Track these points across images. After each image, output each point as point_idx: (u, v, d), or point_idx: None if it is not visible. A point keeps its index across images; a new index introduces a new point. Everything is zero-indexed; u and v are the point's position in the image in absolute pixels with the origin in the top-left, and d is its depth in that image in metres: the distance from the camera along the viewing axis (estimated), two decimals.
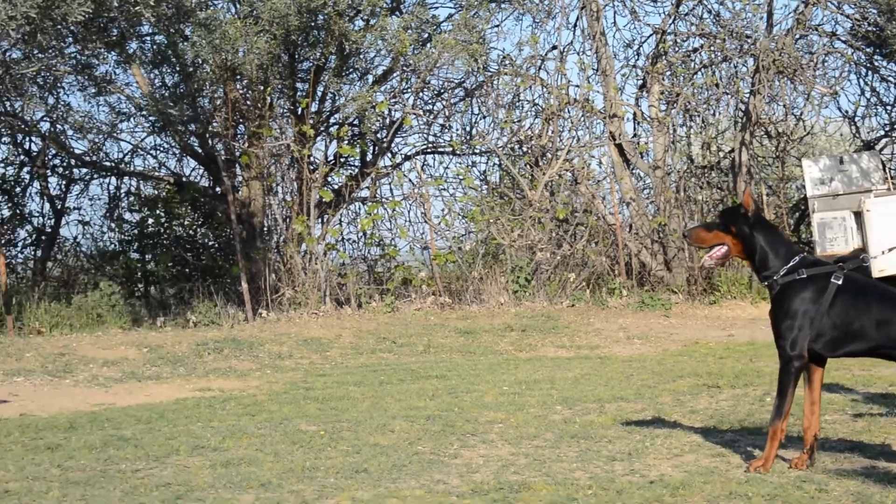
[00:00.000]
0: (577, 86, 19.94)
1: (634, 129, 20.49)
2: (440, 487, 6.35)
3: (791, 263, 6.58)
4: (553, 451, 7.28)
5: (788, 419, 6.57)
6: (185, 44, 16.52)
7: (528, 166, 19.70)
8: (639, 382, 10.58)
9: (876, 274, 16.80)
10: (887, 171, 18.94)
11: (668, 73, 20.51)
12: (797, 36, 20.01)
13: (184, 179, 18.47)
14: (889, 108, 21.03)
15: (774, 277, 6.58)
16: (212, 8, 16.40)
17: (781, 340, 6.52)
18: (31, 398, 11.21)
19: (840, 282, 6.48)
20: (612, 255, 18.81)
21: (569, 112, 19.80)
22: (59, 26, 15.55)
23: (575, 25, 20.32)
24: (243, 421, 8.95)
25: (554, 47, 20.03)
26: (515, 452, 7.30)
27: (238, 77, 17.31)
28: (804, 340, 6.44)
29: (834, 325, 6.43)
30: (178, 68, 17.25)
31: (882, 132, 21.33)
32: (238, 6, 17.14)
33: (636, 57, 20.98)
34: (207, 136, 17.84)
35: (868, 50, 20.39)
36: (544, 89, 19.86)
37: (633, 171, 19.82)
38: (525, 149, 19.86)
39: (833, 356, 6.55)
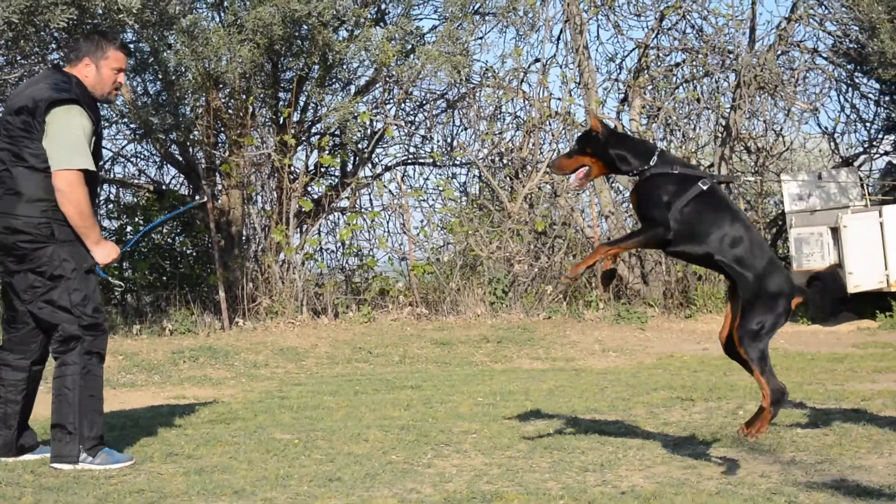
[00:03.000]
0: (559, 99, 20.02)
1: None
2: (413, 496, 6.37)
3: (654, 158, 6.91)
4: (526, 462, 7.30)
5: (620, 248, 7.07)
6: (169, 52, 16.52)
7: (507, 178, 19.75)
8: (613, 395, 10.61)
9: (851, 289, 16.93)
10: (865, 187, 19.05)
11: (650, 87, 20.61)
12: (779, 52, 20.13)
13: (163, 187, 18.46)
14: (868, 124, 21.17)
15: (644, 168, 6.91)
16: (195, 16, 16.41)
17: (650, 214, 6.87)
18: None
19: (705, 188, 6.81)
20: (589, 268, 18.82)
21: (550, 125, 19.86)
22: (42, 32, 15.55)
23: (558, 39, 20.43)
24: (217, 429, 8.95)
25: (537, 60, 20.11)
26: (489, 462, 7.32)
27: (220, 86, 17.32)
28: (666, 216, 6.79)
29: (683, 221, 6.77)
30: (160, 76, 17.23)
31: (861, 149, 21.46)
32: (222, 15, 17.17)
33: (618, 71, 21.11)
34: (188, 144, 17.84)
35: (849, 67, 20.53)
36: (526, 102, 19.93)
37: (613, 185, 19.87)
38: (505, 161, 19.91)
39: (670, 249, 6.92)
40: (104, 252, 7.42)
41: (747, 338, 6.70)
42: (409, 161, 19.77)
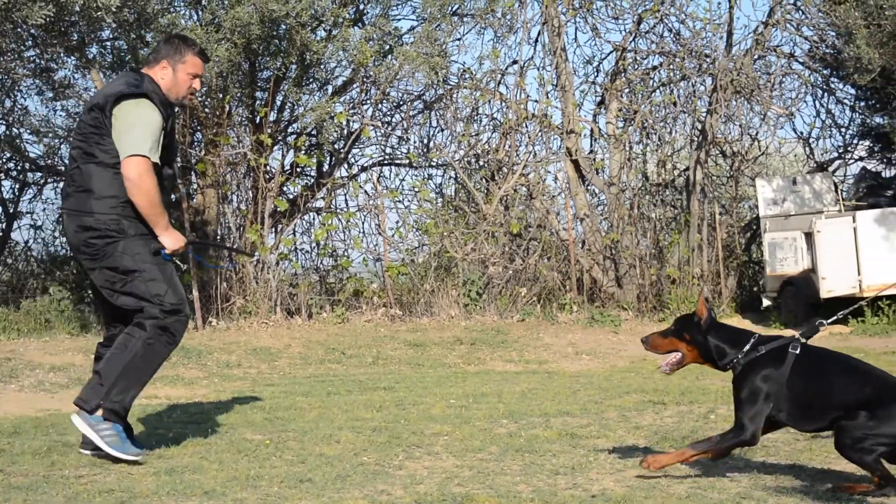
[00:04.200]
0: (536, 101, 20.03)
1: (591, 145, 20.60)
2: (383, 498, 6.37)
3: (749, 344, 6.62)
4: (497, 464, 7.31)
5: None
6: (146, 50, 16.48)
7: (483, 180, 19.75)
8: (585, 398, 10.63)
9: (824, 294, 16.99)
10: (839, 192, 19.13)
11: (627, 90, 20.62)
12: (755, 56, 20.17)
13: None
14: (843, 130, 21.24)
15: (735, 360, 6.62)
16: (173, 14, 16.37)
17: (741, 417, 6.55)
18: None
19: (797, 351, 6.52)
20: (563, 271, 18.87)
21: (527, 127, 19.87)
22: (20, 29, 15.50)
23: (536, 41, 20.42)
24: (189, 429, 8.94)
25: (514, 62, 20.10)
26: (460, 465, 7.33)
27: None
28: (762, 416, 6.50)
29: (794, 397, 6.46)
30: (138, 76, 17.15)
31: (836, 154, 21.54)
32: (200, 13, 17.13)
33: (595, 73, 21.11)
34: None
35: (825, 72, 20.59)
36: (503, 104, 19.93)
37: (588, 188, 19.89)
38: (482, 163, 19.91)
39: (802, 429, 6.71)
40: (172, 239, 7.55)
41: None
42: (386, 162, 19.76)
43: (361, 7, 18.70)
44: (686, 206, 19.96)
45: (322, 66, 17.90)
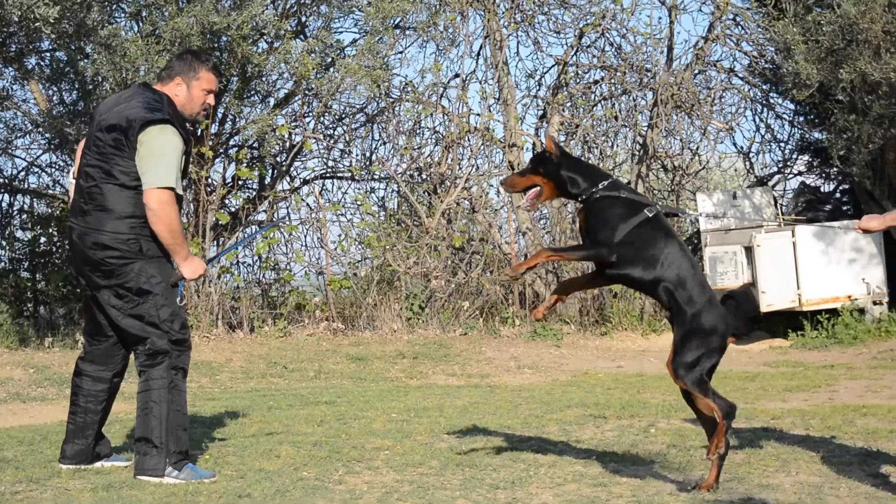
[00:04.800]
0: (478, 114, 20.06)
1: None
2: None
3: (604, 182, 7.04)
4: (437, 479, 7.31)
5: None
6: (86, 61, 16.38)
7: (426, 193, 19.77)
8: (526, 412, 10.65)
9: (764, 308, 17.11)
10: (779, 207, 19.27)
11: (569, 104, 20.70)
12: (696, 71, 20.33)
13: None
14: (783, 144, 21.41)
15: (593, 190, 7.02)
16: (114, 26, 16.27)
17: (596, 235, 6.97)
18: None
19: (650, 215, 6.94)
20: (506, 285, 18.90)
21: (469, 140, 19.90)
22: None
23: (478, 54, 20.47)
24: (128, 444, 8.87)
25: (457, 75, 20.13)
26: (400, 479, 7.32)
27: None
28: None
29: (629, 245, 6.88)
30: (77, 85, 17.06)
31: (775, 168, 21.70)
32: (140, 25, 17.04)
33: (538, 87, 21.17)
34: None
35: (764, 87, 20.75)
36: (445, 117, 19.96)
37: None
38: (424, 176, 19.93)
39: (613, 272, 7.01)
40: (192, 268, 7.49)
41: (682, 369, 6.77)
42: (328, 175, 19.74)
43: (303, 19, 18.68)
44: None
45: (264, 79, 17.84)
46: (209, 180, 17.84)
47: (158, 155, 7.30)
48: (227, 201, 18.16)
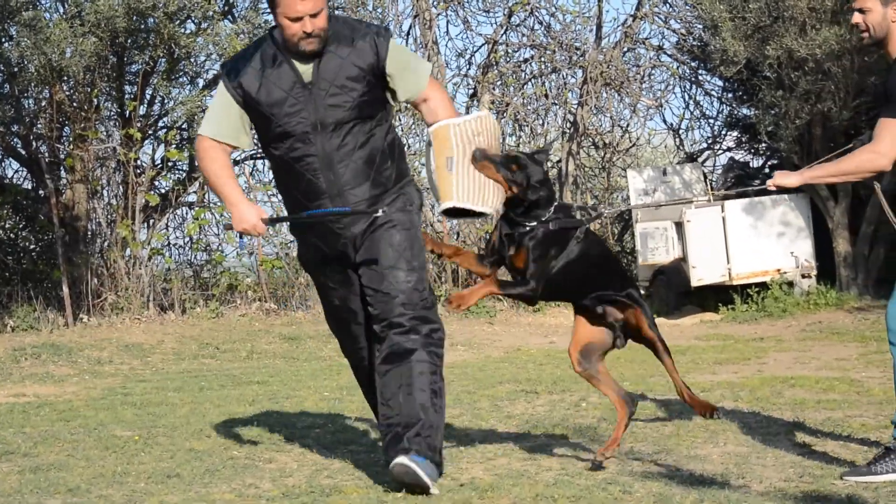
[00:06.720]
0: None
1: None
2: (251, 491, 6.34)
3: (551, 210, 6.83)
4: (368, 456, 7.32)
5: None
6: (10, 44, 16.20)
7: None
8: (459, 388, 10.68)
9: (695, 283, 17.26)
10: (708, 182, 19.42)
11: (499, 82, 20.75)
12: (625, 49, 20.44)
13: (5, 182, 18.05)
14: (712, 121, 21.57)
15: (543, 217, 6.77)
16: (38, 8, 16.11)
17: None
18: None
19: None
20: (439, 264, 18.91)
21: (400, 119, 19.87)
22: None
23: (408, 34, 20.46)
24: (57, 426, 8.82)
25: None
26: (330, 457, 7.32)
27: (64, 78, 16.99)
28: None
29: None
30: (1, 68, 16.88)
31: (705, 144, 21.88)
32: (65, 7, 16.88)
33: (468, 66, 21.20)
34: (31, 137, 17.48)
35: (693, 64, 20.90)
36: None
37: None
38: None
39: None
40: (236, 217, 6.63)
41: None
42: (258, 155, 19.63)
43: (231, 0, 18.55)
44: (559, 198, 20.10)
45: (192, 60, 17.72)
46: (138, 162, 17.70)
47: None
48: (156, 183, 18.03)
